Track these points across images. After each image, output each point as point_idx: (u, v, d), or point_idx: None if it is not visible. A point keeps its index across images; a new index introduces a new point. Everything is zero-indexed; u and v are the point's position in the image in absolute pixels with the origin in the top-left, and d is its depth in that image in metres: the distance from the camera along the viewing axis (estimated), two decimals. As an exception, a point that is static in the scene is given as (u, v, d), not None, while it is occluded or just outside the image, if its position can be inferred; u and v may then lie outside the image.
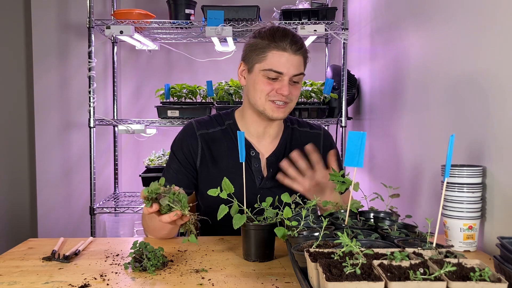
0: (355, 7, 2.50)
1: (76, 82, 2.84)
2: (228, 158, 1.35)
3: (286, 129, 1.43)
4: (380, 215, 1.06)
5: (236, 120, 1.40)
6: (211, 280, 0.89)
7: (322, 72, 2.85)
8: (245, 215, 0.99)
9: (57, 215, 2.88)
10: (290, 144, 1.40)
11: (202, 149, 1.35)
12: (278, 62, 1.24)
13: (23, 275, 0.93)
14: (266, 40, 1.26)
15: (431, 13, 1.49)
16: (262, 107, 1.29)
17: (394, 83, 1.86)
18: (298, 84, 1.31)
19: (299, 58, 1.27)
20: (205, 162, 1.35)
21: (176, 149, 1.37)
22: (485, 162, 1.14)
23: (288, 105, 1.30)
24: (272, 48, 1.25)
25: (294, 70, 1.26)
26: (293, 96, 1.30)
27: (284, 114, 1.30)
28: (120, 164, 2.87)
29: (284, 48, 1.24)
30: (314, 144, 1.42)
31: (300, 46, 1.26)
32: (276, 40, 1.24)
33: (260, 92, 1.27)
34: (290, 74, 1.26)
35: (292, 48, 1.24)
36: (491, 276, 0.64)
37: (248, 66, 1.31)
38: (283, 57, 1.24)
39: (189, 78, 2.82)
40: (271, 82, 1.27)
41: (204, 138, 1.36)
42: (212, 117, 1.42)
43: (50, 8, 2.83)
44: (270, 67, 1.25)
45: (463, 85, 1.27)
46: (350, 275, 0.64)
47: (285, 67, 1.24)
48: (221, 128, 1.39)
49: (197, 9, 2.46)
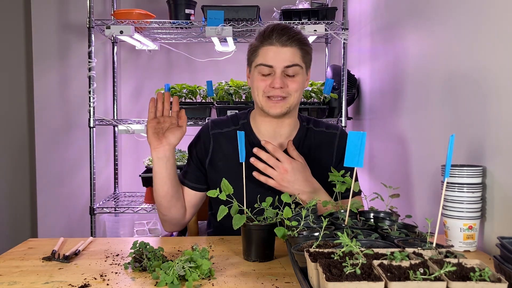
0: (355, 7, 2.50)
1: (76, 82, 2.84)
2: (238, 157, 1.35)
3: (301, 128, 1.41)
4: (380, 215, 1.06)
5: (250, 120, 1.41)
6: (211, 280, 0.89)
7: (322, 72, 2.85)
8: (245, 216, 0.99)
9: (57, 215, 2.87)
10: (303, 144, 1.39)
11: (213, 148, 1.38)
12: (266, 56, 1.26)
13: (23, 275, 0.93)
14: (258, 39, 1.30)
15: (431, 13, 1.49)
16: (260, 104, 1.30)
17: (394, 83, 1.86)
18: (295, 77, 1.28)
19: (290, 49, 1.26)
20: (217, 159, 1.38)
21: (191, 148, 1.43)
22: (485, 162, 1.14)
23: (287, 100, 1.28)
24: (263, 45, 1.27)
25: (285, 62, 1.25)
26: (290, 90, 1.28)
27: (282, 109, 1.28)
28: (120, 164, 2.87)
29: (271, 42, 1.26)
30: (329, 144, 1.41)
31: (288, 37, 1.25)
32: (265, 36, 1.27)
33: (256, 89, 1.30)
34: (281, 67, 1.25)
35: (280, 40, 1.25)
36: (491, 276, 0.64)
37: (249, 67, 1.35)
38: (271, 50, 1.26)
39: (189, 78, 2.82)
40: (264, 78, 1.28)
41: (217, 138, 1.39)
42: (229, 117, 1.45)
43: (50, 8, 2.83)
44: (260, 62, 1.27)
45: (463, 85, 1.27)
46: (350, 275, 0.64)
47: (274, 60, 1.25)
48: (235, 128, 1.40)
49: (197, 9, 2.46)
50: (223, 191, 1.03)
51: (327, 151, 1.41)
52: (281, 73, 1.26)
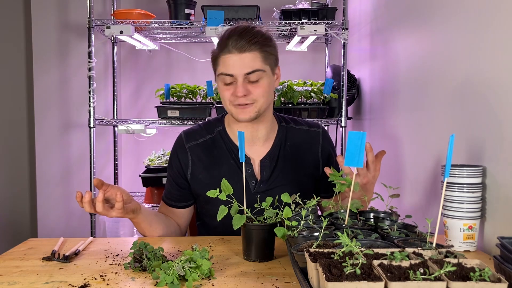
0: (355, 7, 2.50)
1: (76, 82, 2.84)
2: (220, 166, 1.34)
3: (280, 129, 1.39)
4: (380, 215, 1.05)
5: (225, 126, 1.39)
6: (211, 280, 0.89)
7: (322, 72, 2.85)
8: (245, 216, 0.99)
9: (57, 215, 2.87)
10: (285, 144, 1.38)
11: (192, 162, 1.35)
12: (226, 64, 1.23)
13: (23, 275, 0.93)
14: (217, 47, 1.26)
15: (431, 13, 1.49)
16: (230, 112, 1.29)
17: (394, 83, 1.86)
18: (259, 82, 1.23)
19: (248, 55, 1.21)
20: (197, 173, 1.35)
21: (169, 165, 1.41)
22: (485, 162, 1.14)
23: (254, 105, 1.25)
24: (222, 53, 1.23)
25: (245, 69, 1.21)
26: (255, 96, 1.23)
27: (250, 115, 1.25)
28: (120, 164, 2.87)
29: (229, 50, 1.22)
30: (313, 143, 1.41)
31: (246, 42, 1.20)
32: (222, 44, 1.23)
33: (223, 99, 1.28)
34: (241, 74, 1.22)
35: (237, 46, 1.20)
36: (491, 276, 0.64)
37: (215, 76, 1.31)
38: (229, 58, 1.22)
39: (189, 78, 2.82)
40: (228, 87, 1.25)
41: (193, 150, 1.36)
42: (202, 126, 1.41)
43: (50, 8, 2.83)
44: (220, 72, 1.24)
45: (463, 85, 1.27)
46: (350, 275, 0.64)
47: (233, 68, 1.22)
48: (211, 137, 1.37)
49: (197, 9, 2.46)
50: (223, 191, 1.03)
51: (311, 150, 1.40)
52: (242, 81, 1.22)
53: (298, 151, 1.38)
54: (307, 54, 2.86)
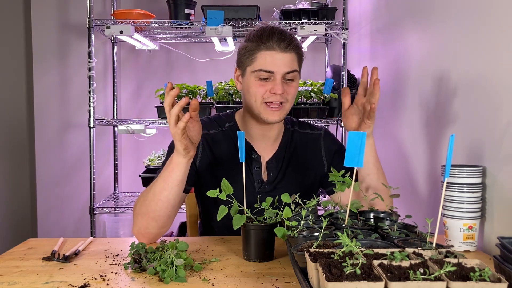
0: (355, 7, 2.50)
1: (76, 82, 2.84)
2: (229, 160, 1.33)
3: (286, 131, 1.40)
4: (380, 215, 1.05)
5: (237, 122, 1.38)
6: (211, 280, 0.89)
7: (322, 72, 2.85)
8: (245, 216, 0.99)
9: (57, 215, 2.87)
10: (290, 147, 1.38)
11: (203, 150, 1.33)
12: (267, 61, 1.23)
13: (23, 275, 0.93)
14: (254, 42, 1.25)
15: (431, 13, 1.49)
16: (257, 110, 1.27)
17: (394, 83, 1.86)
18: (293, 82, 1.27)
19: (289, 55, 1.24)
20: (206, 163, 1.33)
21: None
22: (485, 162, 1.14)
23: (284, 106, 1.27)
24: (261, 49, 1.23)
25: (286, 68, 1.23)
26: (288, 96, 1.26)
27: (280, 117, 1.27)
28: (120, 164, 2.87)
29: (272, 47, 1.22)
30: (315, 145, 1.41)
31: (288, 43, 1.23)
32: (263, 40, 1.23)
33: (254, 95, 1.25)
34: (281, 72, 1.23)
35: (280, 45, 1.22)
36: (491, 276, 0.64)
37: (241, 70, 1.30)
38: (272, 56, 1.23)
39: (189, 78, 2.82)
40: (263, 83, 1.24)
41: (206, 139, 1.34)
42: (212, 118, 1.40)
43: (50, 8, 2.83)
44: (260, 68, 1.23)
45: (463, 85, 1.27)
46: (350, 275, 0.64)
47: (275, 65, 1.23)
48: (222, 130, 1.36)
49: (197, 9, 2.46)
50: (223, 191, 1.03)
51: (314, 152, 1.40)
52: (281, 79, 1.24)
53: (301, 154, 1.39)
54: (307, 54, 2.80)
